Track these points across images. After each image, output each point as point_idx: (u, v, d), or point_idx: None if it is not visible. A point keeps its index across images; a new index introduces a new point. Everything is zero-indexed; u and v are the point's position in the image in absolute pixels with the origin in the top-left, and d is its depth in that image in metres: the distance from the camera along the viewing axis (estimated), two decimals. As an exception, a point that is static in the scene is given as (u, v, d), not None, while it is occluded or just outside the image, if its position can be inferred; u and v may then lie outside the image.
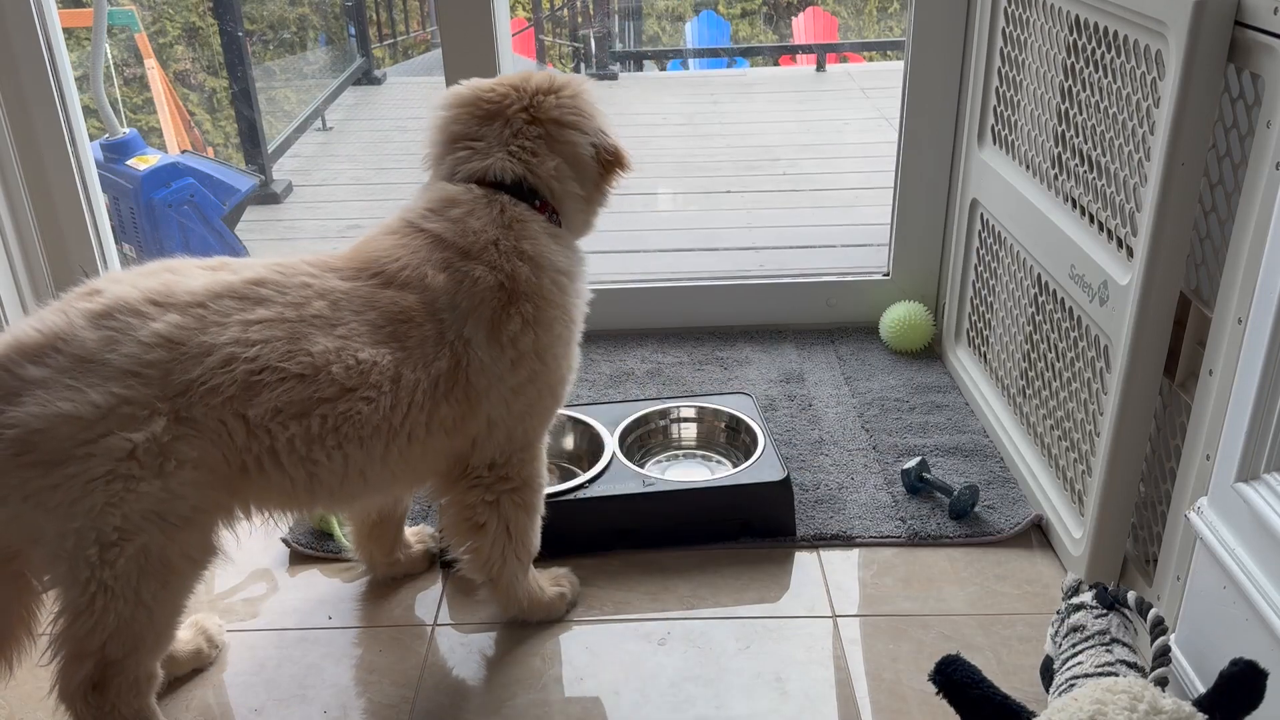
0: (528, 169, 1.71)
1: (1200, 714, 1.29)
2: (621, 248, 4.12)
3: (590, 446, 2.26)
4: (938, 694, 1.43)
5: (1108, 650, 1.50)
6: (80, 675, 1.50)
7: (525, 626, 1.92)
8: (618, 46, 8.10)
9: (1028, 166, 2.24)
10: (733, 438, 2.34)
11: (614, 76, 7.41)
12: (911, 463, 2.23)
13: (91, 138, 3.07)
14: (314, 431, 1.52)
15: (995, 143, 2.43)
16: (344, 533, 2.07)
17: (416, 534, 2.09)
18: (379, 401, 1.56)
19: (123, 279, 1.53)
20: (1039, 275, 2.15)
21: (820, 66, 7.40)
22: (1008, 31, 2.32)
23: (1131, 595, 1.57)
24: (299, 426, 1.51)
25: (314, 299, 1.56)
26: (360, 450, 1.57)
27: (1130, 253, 1.76)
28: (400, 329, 1.59)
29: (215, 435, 1.47)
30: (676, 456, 2.35)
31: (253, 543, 2.15)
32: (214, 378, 1.46)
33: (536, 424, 1.78)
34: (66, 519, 1.41)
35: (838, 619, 1.92)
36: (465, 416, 1.67)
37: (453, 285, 1.63)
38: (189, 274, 1.55)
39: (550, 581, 1.95)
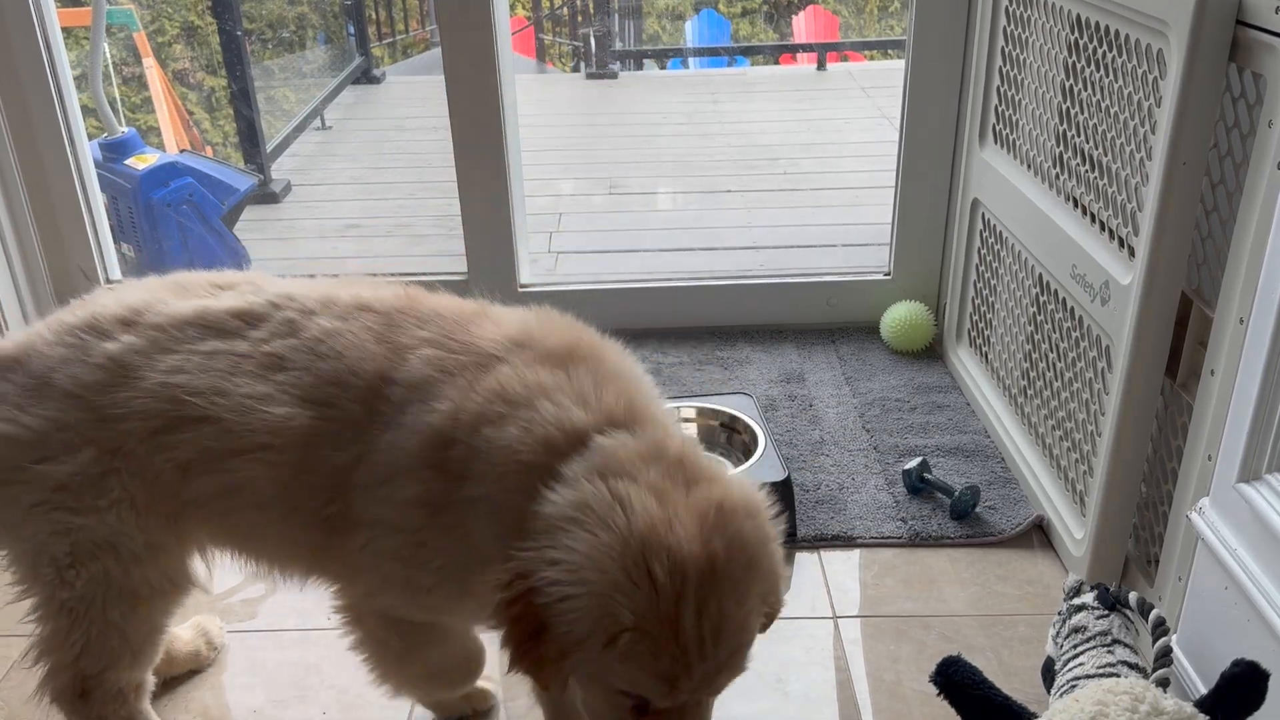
0: None
1: (1202, 715, 1.29)
2: (621, 248, 4.12)
3: (590, 446, 2.25)
4: (939, 695, 1.42)
5: (1109, 651, 1.49)
6: (60, 684, 1.47)
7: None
8: (618, 45, 8.08)
9: (1029, 166, 2.23)
10: (733, 438, 2.33)
11: (614, 75, 7.39)
12: (912, 463, 2.23)
13: (90, 137, 3.06)
14: (217, 486, 1.33)
15: (996, 142, 2.42)
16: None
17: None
18: (279, 468, 1.32)
19: (136, 288, 1.43)
20: (1040, 275, 2.15)
21: (821, 65, 7.39)
22: (1009, 30, 2.32)
23: (1133, 596, 1.57)
24: (202, 478, 1.33)
25: (277, 337, 1.35)
26: (259, 514, 1.36)
27: (1132, 252, 1.75)
28: (333, 392, 1.32)
29: (143, 474, 1.34)
30: (676, 456, 2.35)
31: (252, 543, 2.15)
32: (132, 408, 1.32)
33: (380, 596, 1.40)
34: (16, 539, 1.38)
35: (838, 620, 1.92)
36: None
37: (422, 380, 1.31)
38: (193, 292, 1.42)
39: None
